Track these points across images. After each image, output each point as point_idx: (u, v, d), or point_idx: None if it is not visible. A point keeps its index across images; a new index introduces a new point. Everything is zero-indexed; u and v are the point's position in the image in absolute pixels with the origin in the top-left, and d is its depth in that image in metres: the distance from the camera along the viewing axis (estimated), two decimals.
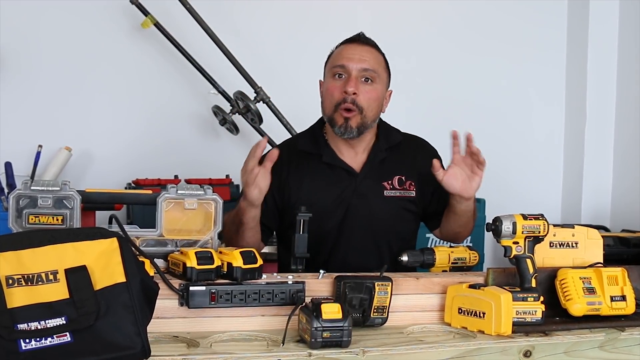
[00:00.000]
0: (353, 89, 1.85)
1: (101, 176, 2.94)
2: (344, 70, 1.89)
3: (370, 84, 1.89)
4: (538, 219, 1.55)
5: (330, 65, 1.94)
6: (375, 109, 1.91)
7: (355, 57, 1.89)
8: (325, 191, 1.93)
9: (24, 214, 1.43)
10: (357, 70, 1.88)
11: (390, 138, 2.01)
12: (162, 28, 2.87)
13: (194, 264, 1.42)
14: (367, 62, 1.89)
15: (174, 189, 1.56)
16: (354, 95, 1.86)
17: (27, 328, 1.12)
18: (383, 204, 1.95)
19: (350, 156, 1.97)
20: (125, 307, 1.18)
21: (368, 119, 1.89)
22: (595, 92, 3.47)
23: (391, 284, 1.50)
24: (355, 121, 1.87)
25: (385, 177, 1.97)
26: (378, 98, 1.91)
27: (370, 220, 1.94)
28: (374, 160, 1.97)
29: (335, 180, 1.95)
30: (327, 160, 1.95)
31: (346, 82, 1.87)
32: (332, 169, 1.95)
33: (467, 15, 3.47)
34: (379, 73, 1.91)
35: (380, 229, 1.95)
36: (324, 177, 1.95)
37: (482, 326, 1.48)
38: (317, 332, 1.30)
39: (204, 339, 1.36)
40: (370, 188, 1.95)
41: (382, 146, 1.99)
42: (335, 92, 1.88)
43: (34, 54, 2.89)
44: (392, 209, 1.95)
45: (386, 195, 1.95)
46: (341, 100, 1.87)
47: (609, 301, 1.57)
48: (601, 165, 3.47)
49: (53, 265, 1.17)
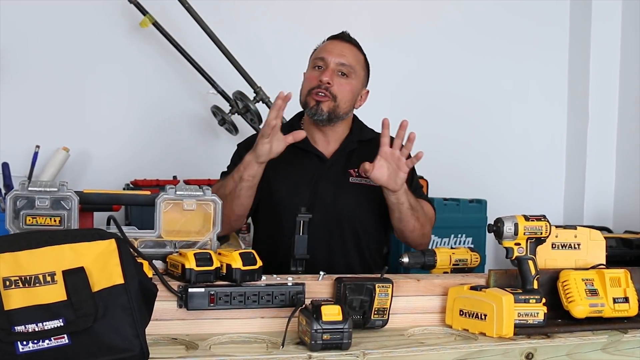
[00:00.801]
0: (327, 79, 1.99)
1: (99, 177, 2.93)
2: (323, 63, 2.03)
3: (346, 78, 2.02)
4: (540, 220, 1.55)
5: (312, 58, 2.09)
6: (348, 101, 2.03)
7: (335, 52, 2.03)
8: (296, 174, 2.05)
9: (21, 215, 1.43)
10: (335, 64, 2.01)
11: (362, 133, 2.14)
12: (161, 27, 2.87)
13: (192, 265, 1.42)
14: (345, 57, 2.02)
15: (172, 189, 1.56)
16: (328, 85, 1.99)
17: (24, 330, 1.12)
18: (348, 190, 2.05)
19: (322, 144, 2.10)
20: (124, 309, 1.18)
21: (340, 109, 2.01)
22: (597, 91, 3.47)
23: (392, 285, 1.50)
24: (326, 106, 2.00)
25: (352, 166, 2.07)
26: (352, 91, 2.03)
27: (335, 204, 2.03)
28: (344, 150, 2.09)
29: (307, 164, 2.07)
30: (300, 146, 2.02)
31: (322, 73, 2.01)
32: (305, 153, 2.07)
33: (467, 13, 3.47)
34: (355, 70, 2.04)
35: (345, 214, 2.03)
36: (296, 160, 2.05)
37: (483, 328, 1.48)
38: (317, 334, 1.30)
39: (203, 341, 1.36)
40: (337, 173, 2.07)
41: (354, 138, 2.11)
42: (312, 80, 2.03)
43: (32, 54, 2.89)
44: (356, 196, 2.04)
45: (351, 182, 2.05)
46: (315, 86, 2.01)
47: (612, 303, 1.57)
48: (604, 165, 3.47)
49: (51, 266, 1.17)
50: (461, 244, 3.02)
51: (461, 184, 3.32)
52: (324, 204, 2.01)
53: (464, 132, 3.45)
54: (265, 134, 1.84)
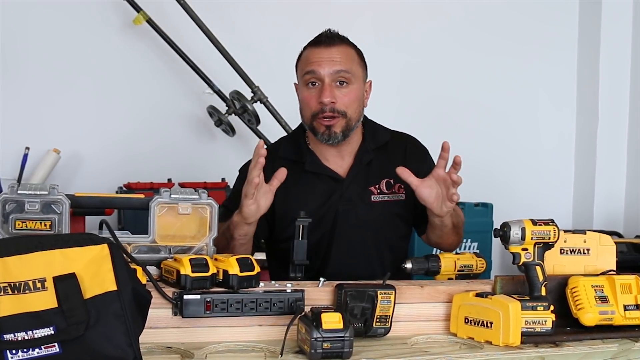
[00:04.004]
0: (329, 99, 1.82)
1: (91, 180, 2.94)
2: (315, 77, 1.85)
3: (347, 86, 1.86)
4: (548, 225, 1.55)
5: (301, 72, 1.90)
6: (357, 109, 1.89)
7: (324, 60, 1.84)
8: (311, 200, 1.90)
9: (10, 219, 1.44)
10: (329, 75, 1.84)
11: (377, 137, 1.99)
12: (155, 25, 2.87)
13: (188, 271, 1.42)
14: (338, 63, 1.84)
15: (167, 193, 1.56)
16: (332, 104, 1.83)
17: (13, 339, 1.12)
18: (370, 210, 1.93)
19: (335, 161, 1.95)
20: (117, 317, 1.18)
21: (352, 120, 1.87)
22: (607, 92, 3.48)
23: (394, 292, 1.50)
24: (339, 126, 1.85)
25: (372, 181, 1.95)
26: (358, 98, 1.89)
27: (358, 226, 1.92)
28: (361, 164, 1.95)
29: (321, 188, 1.93)
30: (310, 169, 1.93)
31: (320, 91, 1.83)
32: (317, 176, 1.93)
33: (472, 12, 3.48)
34: (353, 72, 1.87)
35: (369, 235, 1.94)
36: (309, 185, 1.93)
37: (489, 337, 1.48)
38: (317, 342, 1.31)
39: (198, 350, 1.36)
40: (357, 193, 1.93)
41: (369, 147, 1.96)
42: (312, 102, 1.86)
43: (20, 52, 2.89)
44: (380, 215, 1.93)
45: (373, 201, 1.94)
46: (319, 111, 1.84)
47: (623, 310, 1.57)
48: (614, 167, 3.48)
49: (41, 272, 1.17)
50: (466, 249, 3.03)
51: (466, 187, 3.29)
52: (346, 229, 1.91)
53: (469, 134, 3.45)
54: (249, 194, 1.67)
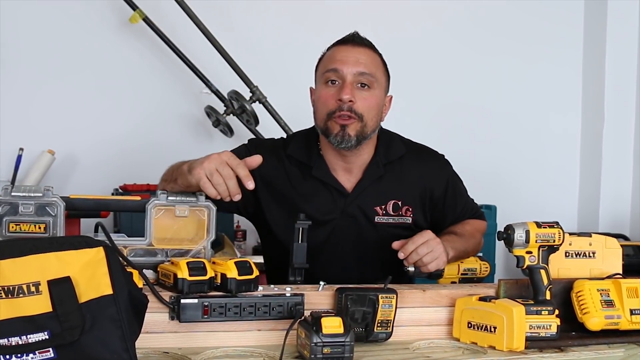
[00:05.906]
0: (349, 96, 1.77)
1: (86, 181, 2.94)
2: (337, 76, 1.80)
3: (368, 90, 1.81)
4: (553, 227, 1.55)
5: (322, 70, 1.85)
6: (375, 117, 1.83)
7: (350, 60, 1.80)
8: (312, 205, 1.86)
9: (3, 221, 1.44)
10: (352, 75, 1.79)
11: (390, 152, 1.93)
12: (152, 23, 2.88)
13: (185, 275, 1.42)
14: (363, 65, 1.81)
15: (164, 195, 1.57)
16: (350, 103, 1.78)
17: (7, 343, 1.12)
18: (372, 230, 1.89)
19: (343, 173, 1.90)
20: (112, 321, 1.18)
21: (368, 127, 1.81)
22: (613, 93, 3.48)
23: (396, 296, 1.50)
24: (353, 128, 1.79)
25: (379, 201, 1.90)
26: (377, 105, 1.84)
27: (355, 245, 1.89)
28: (368, 180, 1.90)
29: (324, 197, 1.89)
30: (317, 175, 1.89)
31: (340, 89, 1.79)
32: (323, 185, 1.90)
33: (475, 12, 3.48)
34: (376, 77, 1.83)
35: (366, 255, 1.90)
36: (312, 189, 1.89)
37: (493, 341, 1.48)
38: (317, 347, 1.30)
39: (196, 355, 1.36)
40: (361, 211, 1.89)
41: (380, 162, 1.90)
42: (329, 100, 1.80)
43: (15, 52, 2.90)
44: (382, 237, 1.87)
45: (377, 222, 1.89)
46: (336, 109, 1.79)
47: (629, 315, 1.57)
48: (620, 169, 3.48)
49: (35, 276, 1.17)
50: None
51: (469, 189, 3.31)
52: (343, 244, 1.88)
53: (472, 135, 3.46)
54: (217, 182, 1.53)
